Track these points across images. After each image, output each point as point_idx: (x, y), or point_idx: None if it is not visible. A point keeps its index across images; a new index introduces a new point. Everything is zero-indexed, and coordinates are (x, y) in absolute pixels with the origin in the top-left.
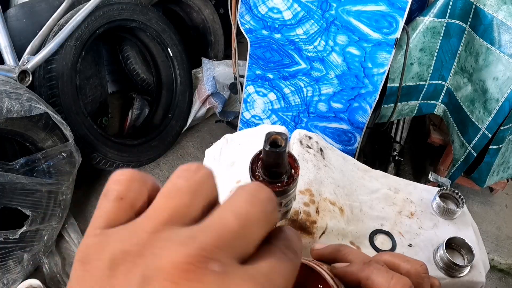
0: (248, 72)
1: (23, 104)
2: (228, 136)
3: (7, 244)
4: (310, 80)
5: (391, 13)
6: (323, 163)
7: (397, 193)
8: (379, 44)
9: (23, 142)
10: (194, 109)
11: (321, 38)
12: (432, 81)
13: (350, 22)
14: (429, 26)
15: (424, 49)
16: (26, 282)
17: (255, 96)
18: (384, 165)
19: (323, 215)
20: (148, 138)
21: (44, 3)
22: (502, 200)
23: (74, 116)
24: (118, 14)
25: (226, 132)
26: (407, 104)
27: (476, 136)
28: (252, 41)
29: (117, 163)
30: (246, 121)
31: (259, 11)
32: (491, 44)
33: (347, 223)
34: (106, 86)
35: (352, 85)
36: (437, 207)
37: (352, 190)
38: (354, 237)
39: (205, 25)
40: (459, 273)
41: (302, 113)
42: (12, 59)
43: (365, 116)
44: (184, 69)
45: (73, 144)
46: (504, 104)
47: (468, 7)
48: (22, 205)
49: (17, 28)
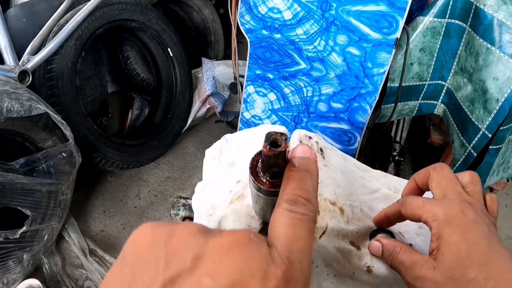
0: (248, 72)
1: (23, 104)
2: (228, 136)
3: (7, 244)
4: (310, 80)
5: (391, 13)
6: (323, 163)
7: (397, 193)
8: (379, 44)
9: (23, 142)
10: (194, 109)
11: (321, 38)
12: (432, 81)
13: (350, 22)
14: (429, 26)
15: (424, 49)
16: (26, 282)
17: (255, 96)
18: (384, 165)
19: (323, 215)
20: (148, 138)
21: (44, 3)
22: (502, 200)
23: (74, 116)
24: (118, 14)
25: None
26: (407, 104)
27: (476, 136)
28: (252, 41)
29: (117, 163)
30: (246, 121)
31: (259, 11)
32: (491, 44)
33: (347, 223)
34: (106, 86)
35: (352, 85)
36: None
37: (352, 190)
38: (354, 237)
39: (205, 25)
40: None
41: (302, 113)
42: (12, 59)
43: (365, 116)
44: (184, 69)
45: (73, 144)
46: (504, 104)
47: (468, 7)
48: (22, 205)
49: (17, 28)
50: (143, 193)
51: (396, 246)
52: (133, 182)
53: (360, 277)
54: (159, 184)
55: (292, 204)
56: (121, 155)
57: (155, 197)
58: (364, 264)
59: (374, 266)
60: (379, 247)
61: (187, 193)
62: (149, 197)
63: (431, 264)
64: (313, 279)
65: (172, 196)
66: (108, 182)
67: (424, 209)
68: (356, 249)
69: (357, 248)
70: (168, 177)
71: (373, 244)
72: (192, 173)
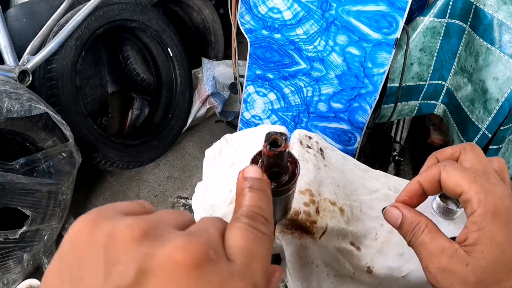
0: (248, 72)
1: (23, 104)
2: (228, 136)
3: (7, 244)
4: (310, 80)
5: (391, 13)
6: (323, 163)
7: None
8: (379, 44)
9: (23, 142)
10: (194, 109)
11: (321, 38)
12: (432, 81)
13: (350, 22)
14: (429, 26)
15: (424, 49)
16: (26, 282)
17: (255, 96)
18: (384, 165)
19: (323, 215)
20: (148, 138)
21: (44, 3)
22: None
23: (74, 116)
24: (118, 14)
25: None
26: (407, 104)
27: (476, 136)
28: (252, 41)
29: (117, 163)
30: (246, 121)
31: (259, 11)
32: (491, 44)
33: (347, 223)
34: (106, 86)
35: (352, 85)
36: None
37: (352, 190)
38: (354, 238)
39: (205, 25)
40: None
41: (302, 113)
42: (12, 59)
43: (365, 116)
44: (184, 69)
45: (73, 144)
46: (504, 104)
47: (468, 7)
48: (22, 205)
49: (17, 28)
50: (143, 193)
51: (420, 222)
52: (133, 182)
53: (360, 277)
54: (159, 184)
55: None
56: (121, 155)
57: (155, 197)
58: (364, 264)
59: (374, 267)
60: (398, 217)
61: (187, 193)
62: (149, 197)
63: (464, 258)
64: (313, 279)
65: (172, 196)
66: (108, 182)
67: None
68: (356, 249)
69: (357, 248)
70: (168, 177)
71: (391, 211)
72: (192, 173)
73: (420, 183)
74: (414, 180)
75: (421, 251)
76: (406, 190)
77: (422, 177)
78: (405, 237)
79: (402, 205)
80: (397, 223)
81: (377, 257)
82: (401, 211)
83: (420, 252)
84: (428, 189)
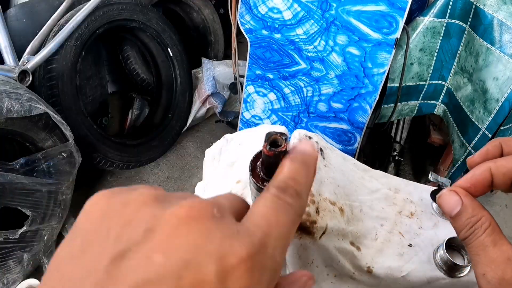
0: (248, 72)
1: (23, 104)
2: (228, 136)
3: (7, 244)
4: (310, 80)
5: (391, 13)
6: (323, 163)
7: (397, 193)
8: (379, 44)
9: (23, 142)
10: (194, 109)
11: (321, 38)
12: (432, 81)
13: (350, 22)
14: (429, 26)
15: (424, 49)
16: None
17: (255, 96)
18: (384, 165)
19: (323, 215)
20: (148, 138)
21: (44, 3)
22: (502, 200)
23: (74, 116)
24: (118, 14)
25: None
26: (407, 104)
27: (476, 136)
28: (252, 41)
29: (117, 163)
30: (246, 121)
31: (259, 11)
32: (491, 44)
33: (347, 223)
34: (106, 86)
35: (352, 85)
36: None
37: (352, 190)
38: (354, 237)
39: (205, 25)
40: (459, 273)
41: (302, 113)
42: (12, 59)
43: (365, 116)
44: (184, 69)
45: (73, 144)
46: (504, 104)
47: (468, 7)
48: (22, 205)
49: (17, 28)
50: None
51: (483, 217)
52: (133, 182)
53: (360, 277)
54: (159, 184)
55: (281, 192)
56: (121, 155)
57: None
58: (364, 264)
59: (374, 267)
60: (457, 205)
61: None
62: None
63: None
64: None
65: None
66: (108, 182)
67: None
68: (356, 249)
69: (357, 248)
70: (168, 177)
71: (449, 196)
72: (192, 173)
73: (491, 172)
74: (482, 166)
75: (479, 253)
76: (472, 177)
77: (497, 167)
78: (459, 231)
79: (464, 192)
80: (453, 211)
81: (377, 257)
82: (461, 198)
83: (478, 254)
84: (499, 183)
